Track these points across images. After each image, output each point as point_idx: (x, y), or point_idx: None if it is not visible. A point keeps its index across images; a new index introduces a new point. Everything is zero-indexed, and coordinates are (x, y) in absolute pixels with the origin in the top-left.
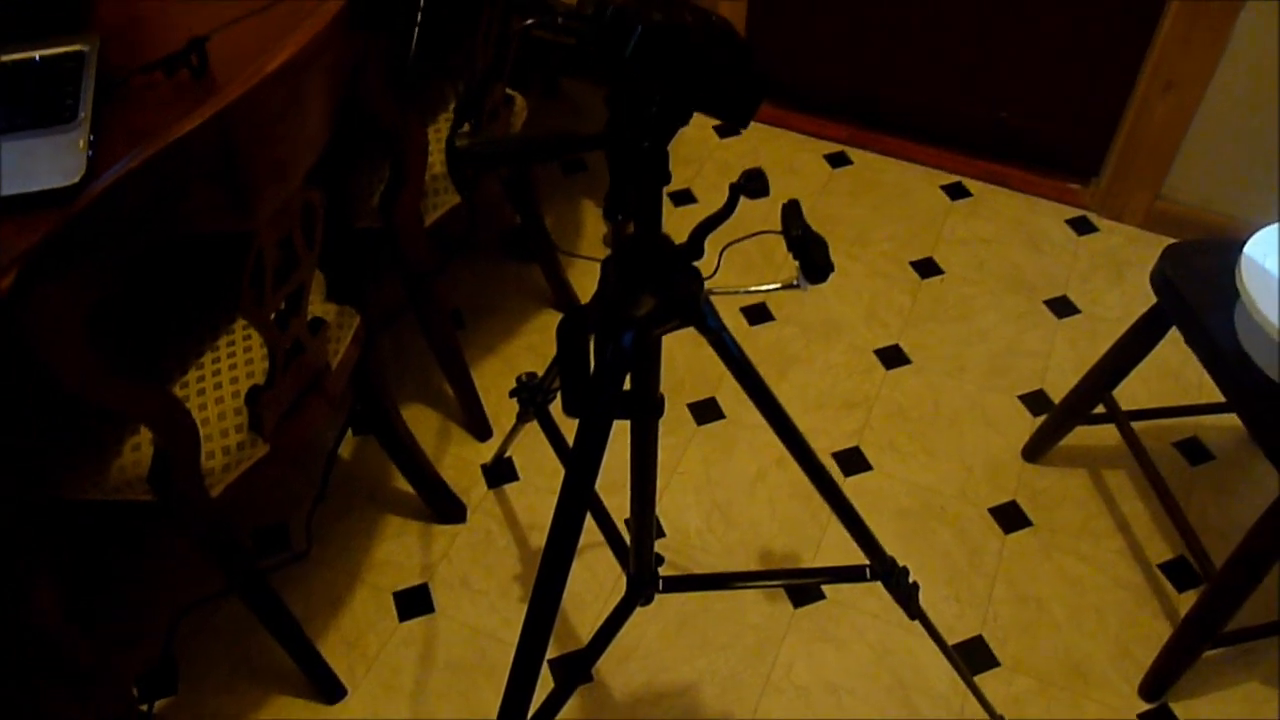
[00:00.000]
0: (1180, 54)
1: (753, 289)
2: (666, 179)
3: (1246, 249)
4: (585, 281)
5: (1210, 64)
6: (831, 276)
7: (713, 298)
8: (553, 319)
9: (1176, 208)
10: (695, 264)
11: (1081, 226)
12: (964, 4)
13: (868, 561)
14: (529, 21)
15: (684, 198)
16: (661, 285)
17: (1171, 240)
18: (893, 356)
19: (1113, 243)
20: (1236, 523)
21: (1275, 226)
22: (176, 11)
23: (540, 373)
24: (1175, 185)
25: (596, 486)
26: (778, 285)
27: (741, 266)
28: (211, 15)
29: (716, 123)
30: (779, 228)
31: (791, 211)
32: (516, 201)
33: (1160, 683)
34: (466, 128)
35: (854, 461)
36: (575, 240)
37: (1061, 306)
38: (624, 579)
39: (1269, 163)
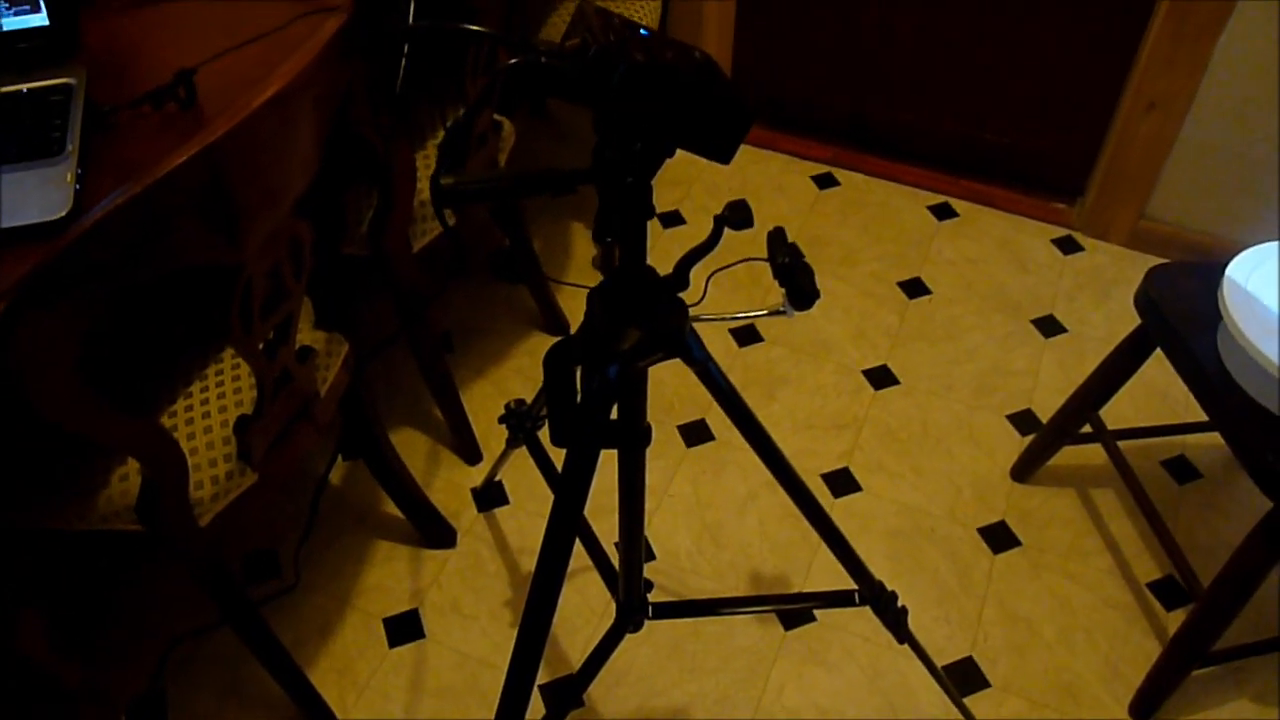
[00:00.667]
0: (1163, 74)
1: (740, 315)
2: (650, 213)
3: (1229, 271)
4: (575, 304)
5: (1192, 84)
6: (820, 297)
7: (700, 323)
8: (542, 341)
9: (1160, 227)
10: (681, 293)
11: (1067, 246)
12: (949, 25)
13: (856, 586)
14: (512, 60)
15: (673, 219)
16: (646, 318)
17: (1156, 259)
18: (881, 377)
19: (1098, 262)
20: (1224, 541)
21: (1257, 249)
22: (166, 43)
23: (529, 398)
24: (1159, 205)
25: (585, 511)
26: (764, 311)
27: (730, 289)
28: (201, 47)
29: None
30: (765, 253)
31: (777, 239)
32: (504, 224)
33: (1150, 702)
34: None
35: (844, 483)
36: (564, 262)
37: (1048, 326)
38: (614, 604)
39: (1251, 182)
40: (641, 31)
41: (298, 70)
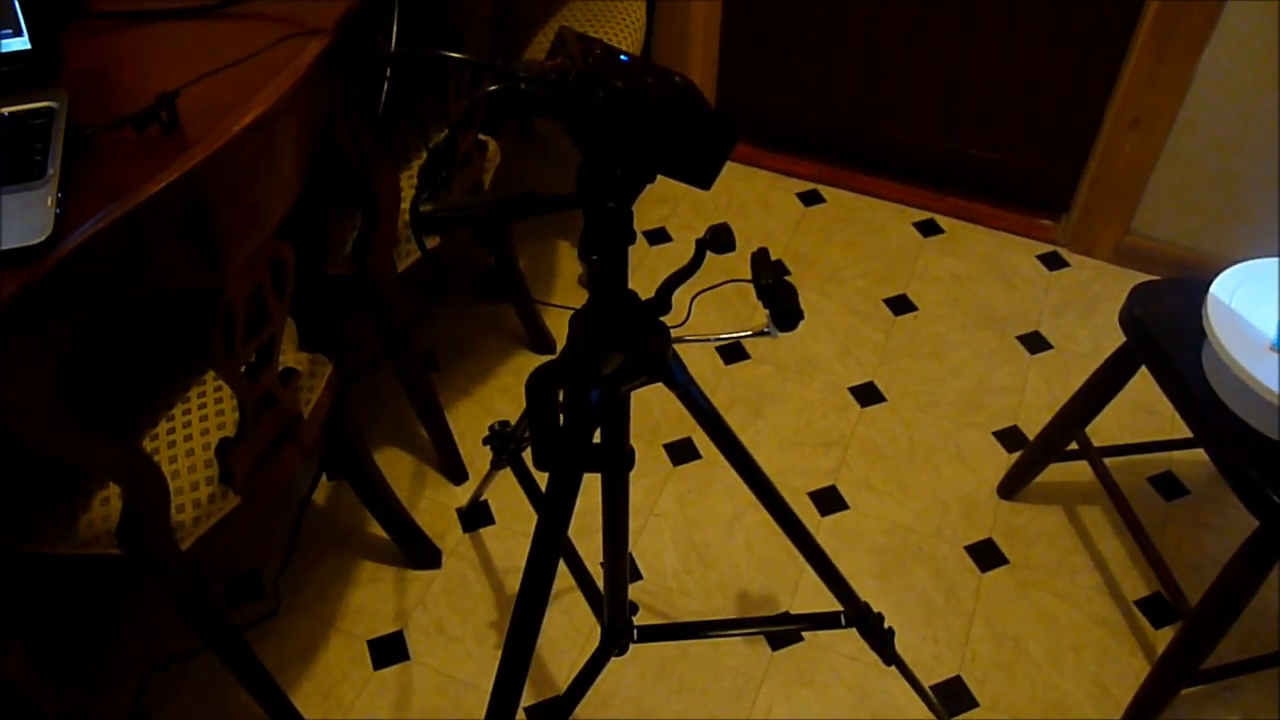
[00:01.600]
0: (1146, 91)
1: (724, 336)
2: (631, 238)
3: (1213, 289)
4: (561, 323)
5: (1176, 100)
6: (804, 318)
7: (684, 344)
8: (528, 360)
9: (1145, 243)
10: (663, 316)
11: (1052, 262)
12: (934, 42)
13: (843, 607)
14: (492, 87)
15: (659, 236)
16: (629, 342)
17: (1141, 275)
18: (867, 394)
19: (1083, 278)
20: (1212, 558)
21: (1241, 266)
22: (150, 65)
23: (514, 417)
24: (1144, 220)
25: (570, 532)
26: (749, 332)
27: (716, 308)
28: (185, 69)
29: None
30: (749, 273)
31: (761, 260)
32: (489, 243)
33: None
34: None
35: (831, 500)
36: (551, 280)
37: (1034, 342)
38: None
39: (1235, 199)
40: (622, 57)
41: (279, 94)
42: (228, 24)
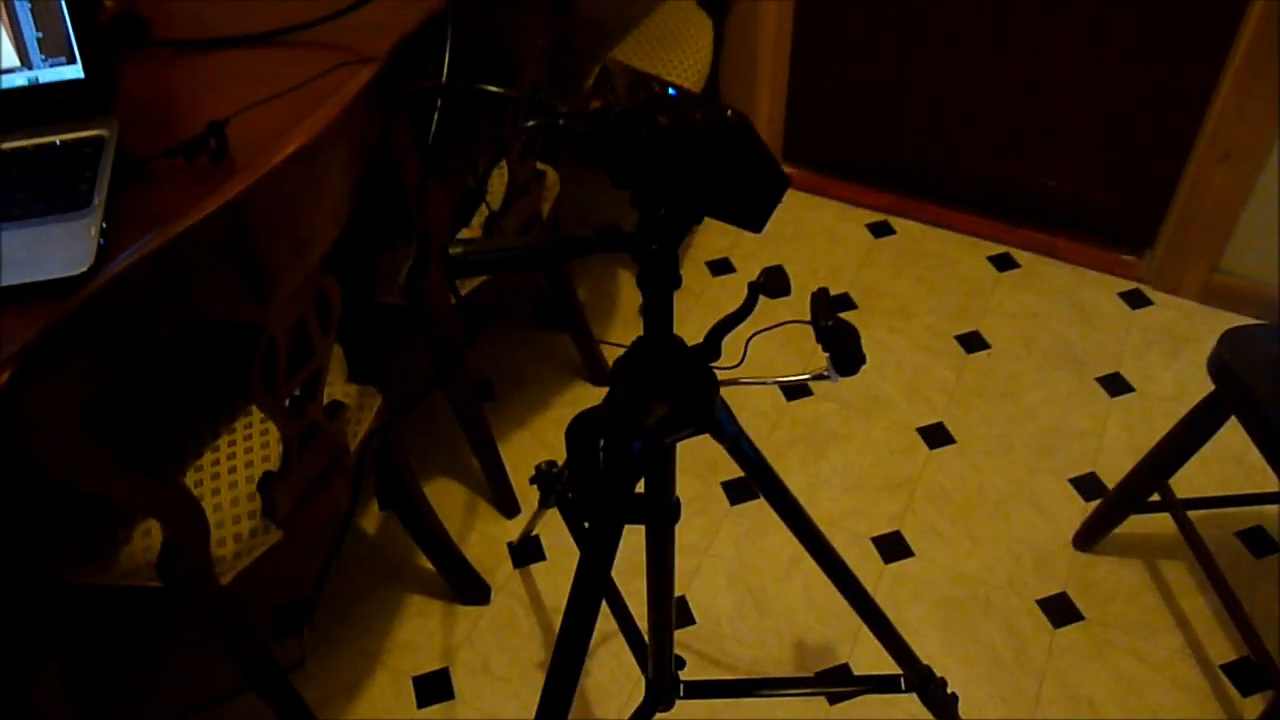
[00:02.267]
0: (1237, 123)
1: (781, 380)
2: (676, 283)
3: None
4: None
5: (1268, 133)
6: (866, 362)
7: (739, 386)
8: (584, 391)
9: (1235, 281)
10: (712, 363)
11: (1135, 300)
12: (1010, 67)
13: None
14: (530, 123)
15: (722, 267)
16: (674, 391)
17: (1230, 315)
18: (936, 435)
19: (1168, 317)
20: None
21: None
22: (204, 94)
23: (562, 458)
24: (1234, 258)
25: (616, 571)
26: (807, 375)
27: (776, 343)
28: (238, 97)
29: None
30: (807, 311)
31: (821, 301)
32: (546, 271)
33: None
34: (475, 230)
35: (895, 547)
36: (610, 311)
37: (1114, 384)
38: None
39: None
40: (670, 91)
41: (323, 124)
42: (284, 52)
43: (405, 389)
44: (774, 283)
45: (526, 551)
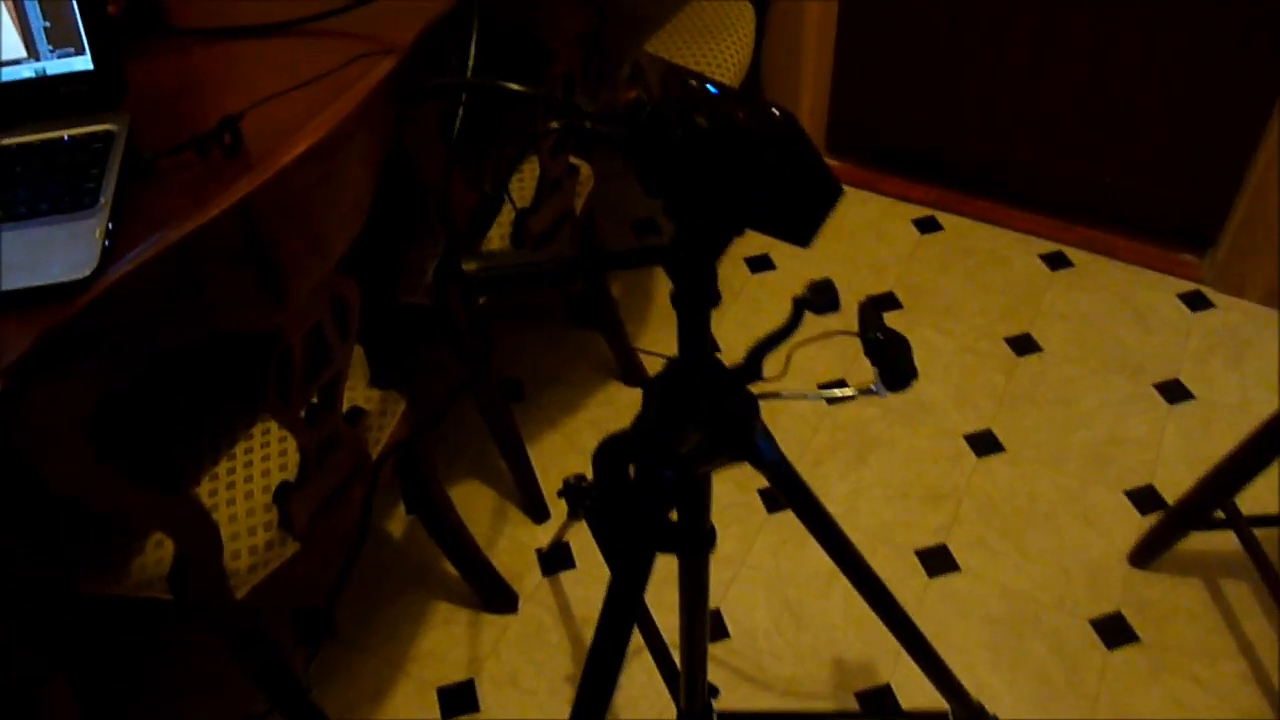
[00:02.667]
0: None
1: (825, 394)
2: (714, 300)
3: None
4: (655, 350)
5: None
6: (918, 377)
7: (781, 400)
8: (618, 392)
9: None
10: (753, 384)
11: (1196, 302)
12: (1067, 59)
13: (949, 703)
14: (552, 125)
15: (762, 264)
16: (710, 417)
17: None
18: (984, 442)
19: (1231, 320)
20: None
21: None
22: (223, 85)
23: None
24: None
25: (651, 585)
26: (852, 392)
27: (817, 348)
28: (257, 89)
29: None
30: (854, 319)
31: (869, 312)
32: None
33: None
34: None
35: (940, 561)
36: (645, 308)
37: (1173, 391)
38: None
39: None
40: (709, 88)
41: (340, 117)
42: (305, 41)
43: (431, 393)
44: (820, 297)
45: (556, 559)
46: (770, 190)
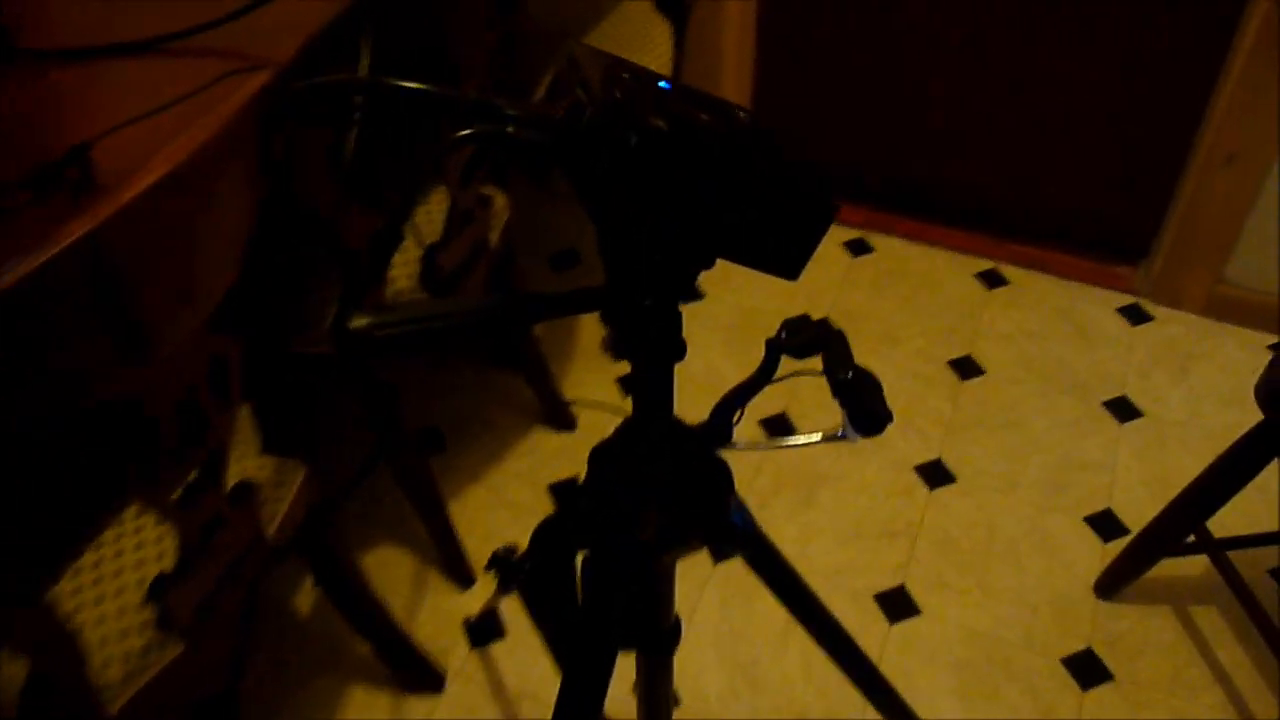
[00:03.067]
0: (1243, 122)
1: (786, 443)
2: (680, 352)
3: None
4: (583, 393)
5: (1274, 136)
6: (893, 420)
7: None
8: (545, 439)
9: (1242, 293)
10: (723, 448)
11: (1135, 315)
12: (995, 73)
13: None
14: (463, 132)
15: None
16: (674, 493)
17: (1238, 329)
18: (935, 473)
19: (1171, 333)
20: None
21: None
22: (69, 112)
23: (528, 509)
24: (1239, 267)
25: None
26: (817, 437)
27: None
28: (110, 116)
29: None
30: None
31: (837, 347)
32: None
33: None
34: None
35: (900, 604)
36: (569, 348)
37: (1122, 409)
38: None
39: None
40: (661, 84)
41: (198, 142)
42: (173, 61)
43: (339, 454)
44: (798, 338)
45: (485, 629)
46: (750, 207)
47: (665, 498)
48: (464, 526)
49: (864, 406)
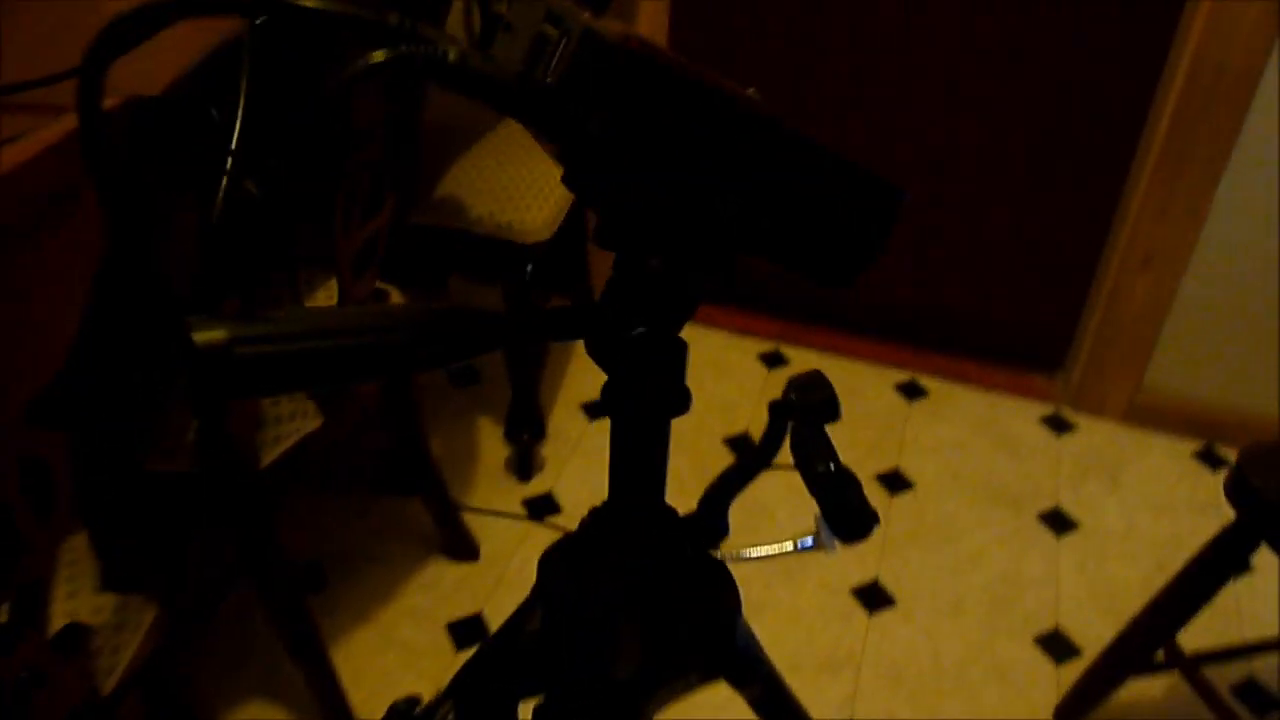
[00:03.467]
0: (1157, 226)
1: (755, 555)
2: (683, 402)
3: None
4: (486, 520)
5: (1191, 237)
6: (879, 523)
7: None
8: (442, 571)
9: (1163, 399)
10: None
11: (1057, 425)
12: (901, 176)
13: None
14: (378, 57)
15: (598, 408)
16: (665, 612)
17: (1162, 436)
18: (874, 596)
19: (1096, 441)
20: None
21: None
22: None
23: (423, 651)
24: (1159, 374)
25: None
26: (790, 546)
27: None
28: None
29: None
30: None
31: (814, 438)
32: (389, 418)
33: None
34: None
35: None
36: (469, 468)
37: (1057, 521)
38: None
39: (1264, 345)
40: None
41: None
42: None
43: (195, 591)
44: (811, 397)
45: None
46: (789, 192)
47: (653, 616)
48: (348, 676)
49: (848, 505)
